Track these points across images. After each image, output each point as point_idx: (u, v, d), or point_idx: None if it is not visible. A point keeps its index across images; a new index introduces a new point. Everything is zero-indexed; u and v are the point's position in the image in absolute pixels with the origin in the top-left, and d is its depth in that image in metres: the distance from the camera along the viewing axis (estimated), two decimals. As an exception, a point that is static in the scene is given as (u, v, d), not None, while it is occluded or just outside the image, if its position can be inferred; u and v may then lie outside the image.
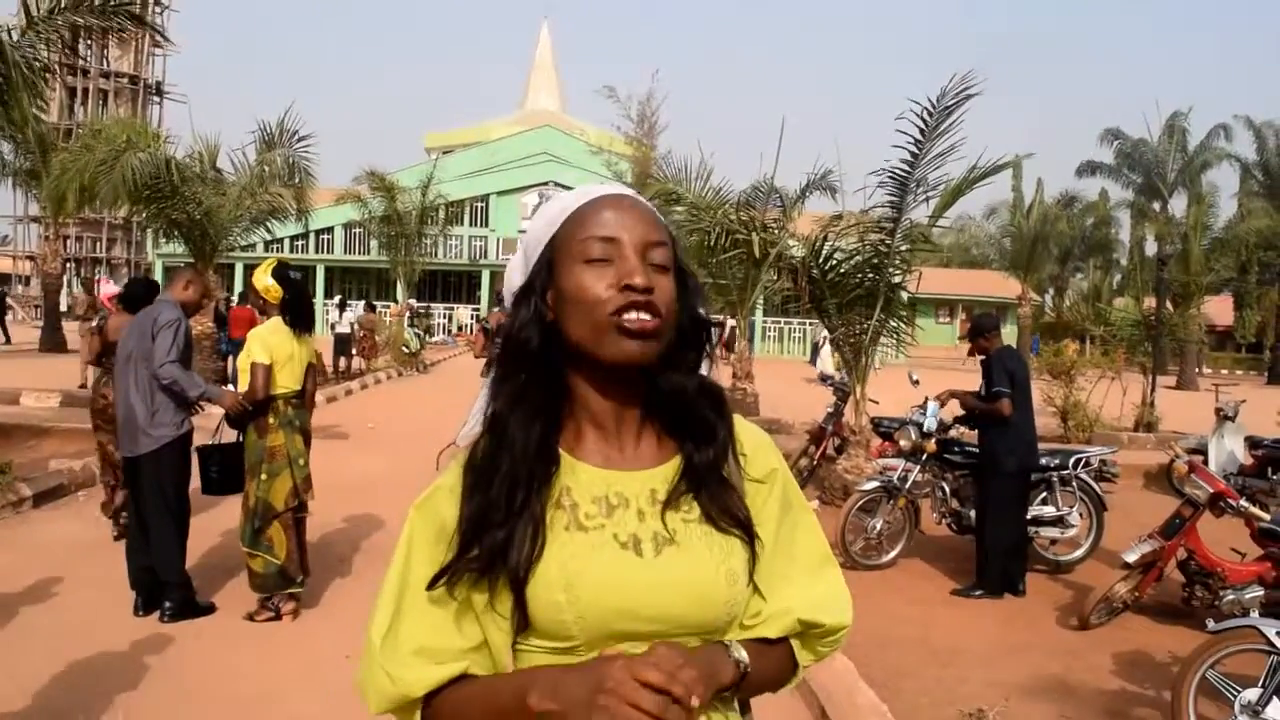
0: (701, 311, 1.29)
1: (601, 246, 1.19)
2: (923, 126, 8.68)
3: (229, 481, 5.65)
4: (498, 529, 1.17)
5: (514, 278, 1.29)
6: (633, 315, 1.16)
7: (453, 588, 1.19)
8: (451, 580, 1.19)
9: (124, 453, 5.59)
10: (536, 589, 1.16)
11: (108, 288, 11.27)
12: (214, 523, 7.11)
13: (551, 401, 1.25)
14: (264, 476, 5.42)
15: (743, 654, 1.20)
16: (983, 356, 6.96)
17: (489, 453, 1.22)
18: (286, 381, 5.51)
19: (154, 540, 5.48)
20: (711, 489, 1.24)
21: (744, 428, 1.34)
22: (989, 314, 7.72)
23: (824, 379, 24.28)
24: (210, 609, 5.63)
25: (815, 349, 33.12)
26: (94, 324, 9.39)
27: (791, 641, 1.30)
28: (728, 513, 1.23)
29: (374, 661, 1.21)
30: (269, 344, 5.44)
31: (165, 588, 5.48)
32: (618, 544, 1.19)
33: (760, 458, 1.32)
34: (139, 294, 6.50)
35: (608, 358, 1.19)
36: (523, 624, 1.17)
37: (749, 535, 1.24)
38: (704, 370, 1.30)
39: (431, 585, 1.19)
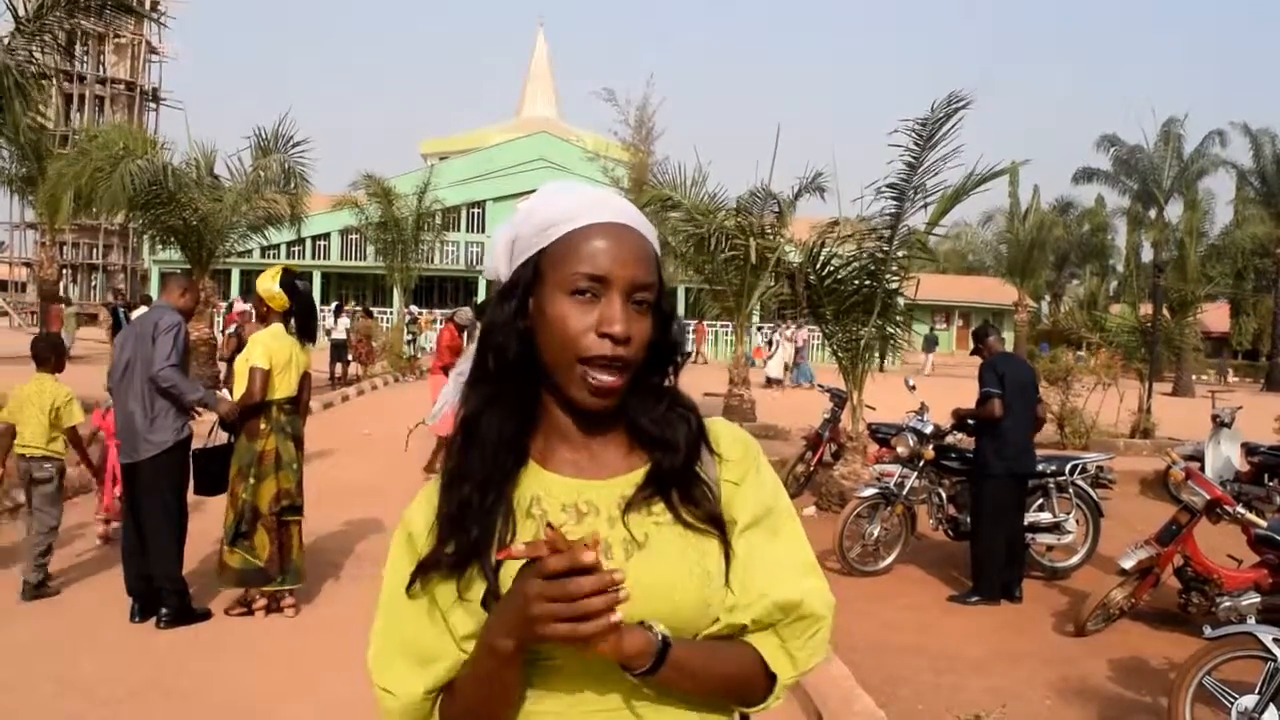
0: (674, 335, 1.29)
1: (589, 283, 1.19)
2: (919, 137, 8.72)
3: (216, 483, 5.71)
4: (472, 525, 1.19)
5: (499, 266, 1.28)
6: (599, 376, 1.18)
7: (426, 585, 1.21)
8: (426, 578, 1.21)
9: (123, 459, 5.59)
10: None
11: (241, 305, 11.68)
12: (209, 529, 7.07)
13: (524, 405, 1.26)
14: (252, 480, 5.51)
15: (660, 628, 1.13)
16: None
17: (461, 453, 1.24)
18: (283, 388, 5.60)
19: (152, 547, 5.48)
20: (681, 490, 1.23)
21: (724, 429, 1.33)
22: (988, 323, 7.92)
23: (771, 382, 24.30)
24: (206, 615, 5.63)
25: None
26: (231, 330, 10.20)
27: (763, 648, 1.22)
28: (698, 512, 1.22)
29: (376, 686, 1.24)
30: (270, 349, 5.53)
31: (162, 594, 5.47)
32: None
33: (738, 459, 1.30)
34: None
35: (570, 398, 1.21)
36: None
37: (721, 532, 1.23)
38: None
39: (409, 586, 1.21)
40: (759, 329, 30.20)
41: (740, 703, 1.27)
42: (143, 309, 10.54)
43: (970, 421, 7.14)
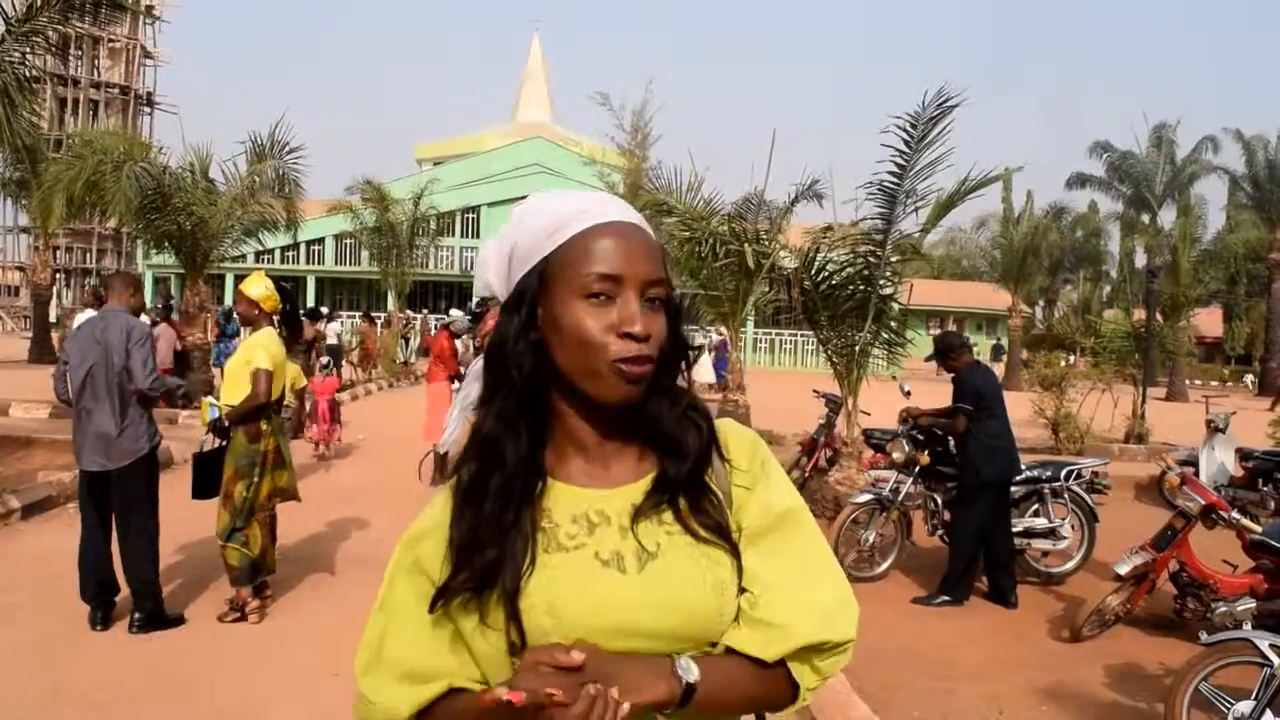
0: (683, 334, 1.27)
1: (603, 284, 1.16)
2: (907, 139, 8.71)
3: (213, 486, 5.74)
4: (490, 547, 1.16)
5: (491, 278, 1.26)
6: (630, 368, 1.15)
7: (447, 608, 1.18)
8: (446, 601, 1.18)
9: (89, 466, 5.48)
10: (524, 613, 1.14)
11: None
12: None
13: (540, 419, 1.23)
14: (255, 478, 5.57)
15: (692, 672, 1.13)
16: (953, 374, 7.13)
17: (478, 472, 1.21)
18: (278, 389, 5.68)
19: (132, 552, 5.47)
20: (690, 499, 1.21)
21: (733, 432, 1.31)
22: (953, 332, 7.95)
23: (711, 386, 24.20)
24: (180, 620, 5.62)
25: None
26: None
27: (789, 664, 1.21)
28: (706, 521, 1.20)
29: (360, 693, 1.22)
30: (271, 351, 5.61)
31: (137, 598, 5.45)
32: (599, 562, 1.17)
33: (747, 463, 1.28)
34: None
35: (598, 397, 1.18)
36: (521, 642, 1.14)
37: (729, 543, 1.20)
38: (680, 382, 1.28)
39: (431, 609, 1.18)
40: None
41: (767, 709, 1.27)
42: (89, 312, 9.80)
43: (925, 426, 7.34)
